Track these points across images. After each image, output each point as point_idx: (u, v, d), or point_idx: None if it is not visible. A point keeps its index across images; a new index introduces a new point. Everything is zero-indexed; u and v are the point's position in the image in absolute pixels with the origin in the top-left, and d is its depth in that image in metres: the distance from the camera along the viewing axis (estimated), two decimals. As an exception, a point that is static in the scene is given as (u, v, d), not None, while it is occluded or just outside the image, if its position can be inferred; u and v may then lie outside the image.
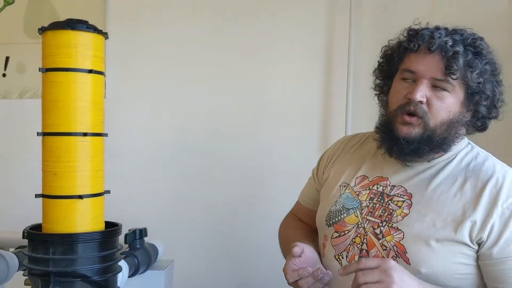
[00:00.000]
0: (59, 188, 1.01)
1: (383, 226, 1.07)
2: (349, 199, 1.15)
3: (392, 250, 1.04)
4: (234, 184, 2.03)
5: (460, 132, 1.08)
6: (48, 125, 1.03)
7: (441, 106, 1.04)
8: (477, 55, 1.04)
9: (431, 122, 1.05)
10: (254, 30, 2.03)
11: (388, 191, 1.11)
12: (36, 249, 1.02)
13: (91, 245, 1.02)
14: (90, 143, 1.03)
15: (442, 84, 1.04)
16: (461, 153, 1.10)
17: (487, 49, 1.07)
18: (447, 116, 1.05)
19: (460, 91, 1.04)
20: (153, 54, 2.10)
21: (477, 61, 1.03)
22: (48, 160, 1.03)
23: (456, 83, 1.03)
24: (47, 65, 1.02)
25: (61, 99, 1.01)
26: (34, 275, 1.03)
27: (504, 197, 1.00)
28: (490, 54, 1.07)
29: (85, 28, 1.03)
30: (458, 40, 1.04)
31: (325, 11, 1.97)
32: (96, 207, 1.05)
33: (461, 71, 1.02)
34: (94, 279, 1.02)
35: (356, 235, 1.10)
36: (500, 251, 0.99)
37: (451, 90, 1.04)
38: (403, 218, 1.05)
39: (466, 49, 1.03)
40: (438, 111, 1.04)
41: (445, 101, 1.04)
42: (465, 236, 1.00)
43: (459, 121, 1.06)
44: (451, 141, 1.07)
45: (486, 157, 1.09)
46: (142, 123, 2.09)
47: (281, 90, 2.03)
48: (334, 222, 1.15)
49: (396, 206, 1.08)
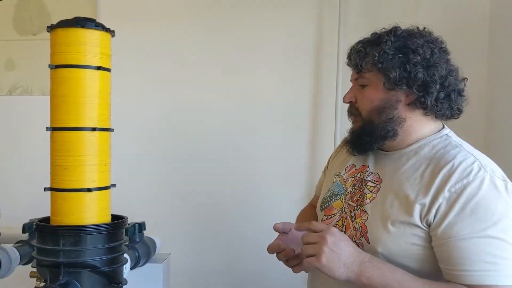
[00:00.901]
0: (69, 181, 1.04)
1: (357, 210, 1.16)
2: (338, 186, 1.25)
3: (358, 230, 1.13)
4: (226, 181, 2.07)
5: (400, 114, 1.12)
6: (57, 120, 1.05)
7: (362, 98, 1.15)
8: (378, 44, 1.12)
9: (363, 114, 1.16)
10: (243, 30, 2.07)
11: (365, 177, 1.19)
12: (46, 241, 1.04)
13: (100, 237, 1.05)
14: (98, 138, 1.07)
15: (360, 81, 1.16)
16: (435, 141, 1.13)
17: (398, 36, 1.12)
18: (371, 105, 1.13)
19: (377, 79, 1.12)
20: (144, 52, 2.12)
21: (380, 47, 1.11)
22: (57, 154, 1.05)
23: (370, 75, 1.13)
24: (57, 62, 1.05)
25: (70, 95, 1.04)
26: (43, 266, 1.06)
27: (453, 182, 1.03)
28: (406, 39, 1.11)
29: (94, 26, 1.06)
30: (365, 41, 1.16)
31: (314, 11, 2.02)
32: (103, 200, 1.09)
33: (364, 61, 1.12)
34: (103, 269, 1.05)
35: (339, 219, 1.19)
36: (444, 232, 1.01)
37: (369, 82, 1.14)
38: (370, 202, 1.13)
39: (370, 44, 1.13)
40: (362, 103, 1.16)
41: (365, 94, 1.15)
42: (416, 217, 1.05)
43: (390, 105, 1.12)
44: (392, 123, 1.12)
45: (457, 146, 1.11)
46: (135, 121, 2.11)
47: (270, 90, 2.07)
48: (325, 207, 1.25)
49: (368, 191, 1.15)
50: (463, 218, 1.00)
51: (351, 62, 1.18)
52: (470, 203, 1.00)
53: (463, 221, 1.00)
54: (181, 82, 2.11)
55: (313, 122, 2.05)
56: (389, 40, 1.11)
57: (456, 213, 1.01)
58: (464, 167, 1.04)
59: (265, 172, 2.06)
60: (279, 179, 2.04)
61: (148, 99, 2.12)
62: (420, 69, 1.08)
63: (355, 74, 1.17)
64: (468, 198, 1.01)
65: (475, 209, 1.00)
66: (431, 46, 1.12)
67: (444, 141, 1.13)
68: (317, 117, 2.04)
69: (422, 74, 1.08)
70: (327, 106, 2.01)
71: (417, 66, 1.09)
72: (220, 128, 2.08)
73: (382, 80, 1.11)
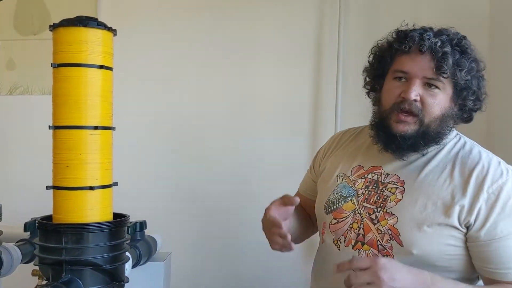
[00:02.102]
0: (71, 179, 1.05)
1: (378, 212, 1.13)
2: (346, 187, 1.22)
3: (387, 233, 1.11)
4: (227, 180, 2.07)
5: (450, 124, 1.15)
6: (59, 119, 1.06)
7: (433, 103, 1.10)
8: (463, 54, 1.12)
9: (426, 118, 1.11)
10: (244, 29, 2.08)
11: (383, 179, 1.17)
12: (48, 239, 1.05)
13: (102, 235, 1.06)
14: (100, 136, 1.07)
15: (433, 83, 1.10)
16: (451, 143, 1.16)
17: (471, 47, 1.15)
18: (439, 112, 1.11)
19: (449, 87, 1.11)
20: (144, 51, 2.13)
21: (463, 59, 1.11)
22: (59, 152, 1.06)
23: (446, 81, 1.11)
24: (59, 61, 1.05)
25: (72, 94, 1.05)
26: (45, 264, 1.06)
27: (489, 183, 1.06)
28: (474, 51, 1.15)
29: (96, 25, 1.06)
30: (445, 40, 1.11)
31: (315, 11, 2.03)
32: (105, 198, 1.09)
33: (450, 70, 1.09)
34: (105, 267, 1.06)
35: (353, 221, 1.16)
36: (487, 233, 1.05)
37: (442, 87, 1.10)
38: (396, 204, 1.12)
39: (454, 48, 1.11)
40: (432, 108, 1.10)
41: (437, 98, 1.10)
42: (455, 219, 1.06)
43: (449, 115, 1.13)
44: (443, 134, 1.14)
45: (473, 146, 1.16)
46: (136, 120, 2.11)
47: (271, 90, 2.08)
48: (333, 210, 1.21)
49: (390, 193, 1.14)
50: (504, 218, 1.05)
51: (423, 58, 1.11)
52: (508, 203, 1.05)
53: (504, 220, 1.05)
54: (182, 80, 2.11)
55: (313, 122, 2.05)
56: (471, 54, 1.13)
57: (497, 214, 1.05)
58: (494, 167, 1.09)
59: (265, 172, 2.06)
60: (280, 179, 2.04)
61: (148, 98, 2.12)
62: (485, 90, 1.16)
63: (432, 73, 1.10)
64: (506, 199, 1.05)
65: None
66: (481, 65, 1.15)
67: (459, 141, 1.18)
68: (317, 118, 2.05)
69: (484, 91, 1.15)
70: (327, 107, 2.02)
71: (483, 88, 1.15)
72: (221, 128, 2.09)
73: (452, 90, 1.12)
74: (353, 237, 1.15)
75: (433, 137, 1.12)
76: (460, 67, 1.10)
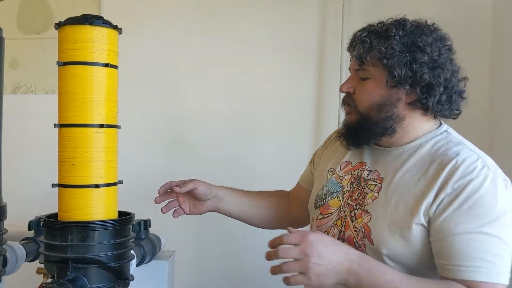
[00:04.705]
0: (76, 177, 1.05)
1: (357, 209, 1.14)
2: (333, 183, 1.23)
3: (361, 231, 1.11)
4: (230, 179, 2.06)
5: (399, 113, 1.11)
6: (65, 117, 1.06)
7: (362, 93, 1.13)
8: (386, 38, 1.08)
9: (359, 107, 1.14)
10: (246, 27, 2.08)
11: (365, 175, 1.17)
12: (54, 237, 1.05)
13: (108, 232, 1.05)
14: (106, 134, 1.07)
15: (361, 73, 1.13)
16: (435, 138, 1.13)
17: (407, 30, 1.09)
18: (371, 100, 1.11)
19: (380, 75, 1.10)
20: (146, 50, 2.13)
21: (385, 43, 1.08)
22: (65, 151, 1.06)
23: (373, 69, 1.11)
24: (64, 59, 1.05)
25: (78, 92, 1.05)
26: (51, 262, 1.07)
27: (456, 178, 1.02)
28: (410, 35, 1.08)
29: (101, 23, 1.06)
30: (371, 30, 1.12)
31: (318, 8, 2.03)
32: (111, 196, 1.09)
33: (372, 57, 1.09)
34: (111, 265, 1.06)
35: (338, 218, 1.18)
36: (441, 226, 1.01)
37: (371, 76, 1.12)
38: (372, 201, 1.12)
39: (377, 35, 1.10)
40: (361, 96, 1.13)
41: (365, 88, 1.12)
42: (421, 216, 1.04)
43: (390, 103, 1.11)
44: (390, 121, 1.11)
45: (458, 143, 1.11)
46: (138, 119, 2.12)
47: (273, 89, 2.08)
48: (320, 205, 1.23)
49: (369, 190, 1.14)
50: (462, 214, 1.00)
51: (354, 51, 1.14)
52: (470, 199, 1.00)
53: (461, 216, 1.01)
54: (185, 79, 2.12)
55: (316, 121, 2.05)
56: (397, 34, 1.08)
57: (455, 208, 1.01)
58: (468, 164, 1.04)
59: (268, 170, 2.06)
60: (283, 178, 2.03)
61: (150, 97, 2.13)
62: (426, 70, 1.06)
63: (356, 65, 1.14)
64: (469, 194, 1.01)
65: (474, 205, 1.00)
66: (439, 45, 1.09)
67: (445, 138, 1.13)
68: (320, 116, 2.05)
69: (427, 75, 1.06)
70: (330, 105, 2.02)
71: (424, 66, 1.06)
72: (224, 127, 2.09)
73: (386, 77, 1.09)
74: (335, 233, 1.16)
75: (382, 124, 1.11)
76: (380, 51, 1.07)
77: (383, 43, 1.07)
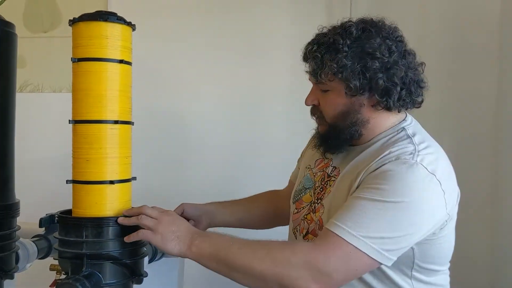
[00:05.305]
0: (91, 173, 1.05)
1: (317, 203, 1.18)
2: (308, 179, 1.27)
3: (317, 224, 1.15)
4: (237, 177, 2.08)
5: (363, 117, 1.12)
6: (79, 113, 1.06)
7: (326, 105, 1.14)
8: (335, 51, 1.07)
9: (326, 118, 1.15)
10: (252, 24, 2.08)
11: (330, 171, 1.20)
12: (69, 233, 1.05)
13: (122, 228, 1.06)
14: (120, 131, 1.08)
15: (321, 86, 1.13)
16: (390, 135, 1.13)
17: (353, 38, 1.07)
18: (335, 111, 1.12)
19: (338, 86, 1.09)
20: (154, 48, 2.13)
21: (335, 56, 1.06)
22: (80, 147, 1.06)
23: (331, 83, 1.10)
24: (79, 55, 1.06)
25: (93, 88, 1.05)
26: (65, 258, 1.07)
27: (379, 160, 1.05)
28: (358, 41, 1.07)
29: (116, 19, 1.07)
30: (320, 43, 1.10)
31: (324, 7, 2.03)
32: (125, 193, 1.10)
33: (326, 74, 1.08)
34: (125, 261, 1.06)
35: (308, 212, 1.21)
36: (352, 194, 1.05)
37: (330, 88, 1.11)
38: (327, 195, 1.16)
39: (326, 49, 1.08)
40: (326, 110, 1.15)
41: (328, 99, 1.13)
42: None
43: (353, 109, 1.11)
44: (356, 126, 1.12)
45: (407, 137, 1.11)
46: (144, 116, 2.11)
47: (279, 84, 2.08)
48: (296, 200, 1.27)
49: (329, 185, 1.18)
50: (366, 182, 1.03)
51: (308, 67, 1.15)
52: (380, 174, 1.02)
53: (364, 184, 1.04)
54: (191, 77, 2.12)
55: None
56: (345, 45, 1.06)
57: (366, 180, 1.04)
58: (397, 153, 1.05)
59: (277, 168, 2.06)
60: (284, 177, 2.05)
61: (158, 94, 2.13)
62: (380, 75, 1.06)
63: (313, 79, 1.14)
64: (381, 170, 1.03)
65: (379, 179, 1.01)
66: (388, 43, 1.08)
67: (397, 134, 1.13)
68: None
69: (382, 80, 1.07)
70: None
71: (377, 72, 1.06)
72: (231, 124, 2.09)
73: (344, 88, 1.09)
74: (305, 226, 1.20)
75: (349, 131, 1.12)
76: (333, 67, 1.06)
77: (333, 57, 1.06)
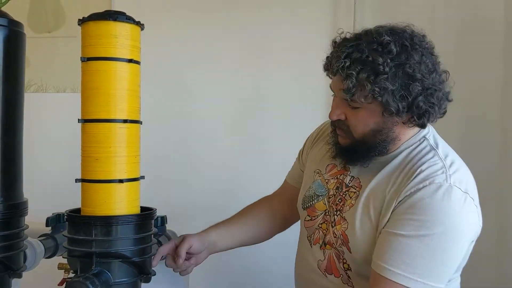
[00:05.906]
0: (100, 172, 1.05)
1: (336, 215, 1.14)
2: (319, 186, 1.22)
3: (339, 238, 1.12)
4: (241, 178, 2.08)
5: (394, 133, 1.09)
6: (88, 112, 1.06)
7: (356, 121, 1.08)
8: (375, 73, 1.00)
9: (355, 134, 1.09)
10: (256, 26, 2.09)
11: (348, 181, 1.16)
12: (78, 231, 1.05)
13: (132, 227, 1.06)
14: (129, 130, 1.08)
15: (352, 103, 1.05)
16: (413, 146, 1.10)
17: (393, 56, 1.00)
18: (366, 128, 1.07)
19: (375, 107, 1.04)
20: (158, 48, 2.13)
21: (375, 79, 1.00)
22: (89, 146, 1.06)
23: (367, 103, 1.03)
24: (88, 55, 1.06)
25: (102, 87, 1.05)
26: (74, 257, 1.07)
27: (411, 186, 1.02)
28: (398, 59, 1.00)
29: (125, 19, 1.07)
30: (354, 59, 1.01)
31: (329, 7, 2.04)
32: (133, 191, 1.10)
33: (366, 97, 1.02)
34: (134, 259, 1.06)
35: (323, 221, 1.18)
36: (385, 224, 1.03)
37: (362, 105, 1.04)
38: (349, 209, 1.12)
39: (362, 65, 1.00)
40: (355, 126, 1.08)
41: (358, 116, 1.07)
42: (380, 224, 1.05)
43: (386, 127, 1.07)
44: (385, 143, 1.09)
45: (430, 150, 1.09)
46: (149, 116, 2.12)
47: (283, 86, 2.09)
48: (307, 207, 1.23)
49: (348, 197, 1.13)
50: (402, 213, 1.01)
51: (336, 80, 1.06)
52: (416, 204, 1.00)
53: (400, 215, 1.01)
54: (195, 77, 2.12)
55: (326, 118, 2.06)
56: (386, 66, 0.99)
57: (401, 211, 1.01)
58: (428, 173, 1.03)
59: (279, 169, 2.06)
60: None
61: (163, 95, 2.13)
62: (421, 98, 1.03)
63: (344, 95, 1.04)
64: (416, 199, 1.00)
65: (417, 209, 0.99)
66: (425, 61, 1.03)
67: (420, 144, 1.11)
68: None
69: (422, 103, 1.03)
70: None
71: (418, 95, 1.02)
72: (235, 124, 2.10)
73: (381, 109, 1.04)
74: (320, 236, 1.18)
75: (378, 147, 1.09)
76: (369, 84, 1.00)
77: (373, 79, 0.99)
